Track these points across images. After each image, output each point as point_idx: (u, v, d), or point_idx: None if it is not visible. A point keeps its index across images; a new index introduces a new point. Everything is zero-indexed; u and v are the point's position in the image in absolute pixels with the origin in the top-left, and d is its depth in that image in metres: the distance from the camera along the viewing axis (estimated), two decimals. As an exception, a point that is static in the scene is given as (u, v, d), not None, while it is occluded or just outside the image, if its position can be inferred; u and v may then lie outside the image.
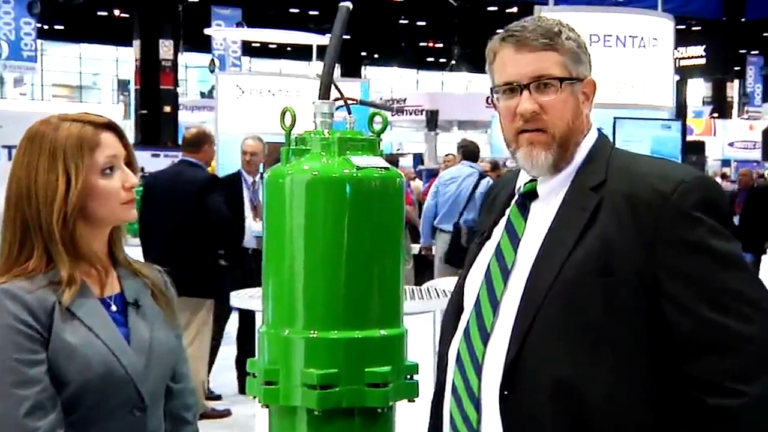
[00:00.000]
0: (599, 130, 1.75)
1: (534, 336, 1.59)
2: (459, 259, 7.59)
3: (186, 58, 38.37)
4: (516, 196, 1.76)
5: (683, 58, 27.79)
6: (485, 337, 1.66)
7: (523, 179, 1.76)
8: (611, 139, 1.78)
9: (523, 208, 1.73)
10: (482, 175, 8.04)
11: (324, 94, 1.57)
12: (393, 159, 10.63)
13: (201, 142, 5.76)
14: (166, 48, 26.08)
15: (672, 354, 1.55)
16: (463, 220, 7.88)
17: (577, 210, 1.63)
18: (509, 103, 1.68)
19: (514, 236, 1.71)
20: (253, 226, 6.27)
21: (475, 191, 7.90)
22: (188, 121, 31.94)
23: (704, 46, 26.93)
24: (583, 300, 1.57)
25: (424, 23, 35.83)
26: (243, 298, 4.57)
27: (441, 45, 38.09)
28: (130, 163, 1.86)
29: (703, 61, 29.61)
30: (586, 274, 1.57)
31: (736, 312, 1.51)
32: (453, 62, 35.08)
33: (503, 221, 1.75)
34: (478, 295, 1.70)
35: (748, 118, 32.13)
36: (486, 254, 1.74)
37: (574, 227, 1.61)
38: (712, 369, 1.51)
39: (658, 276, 1.54)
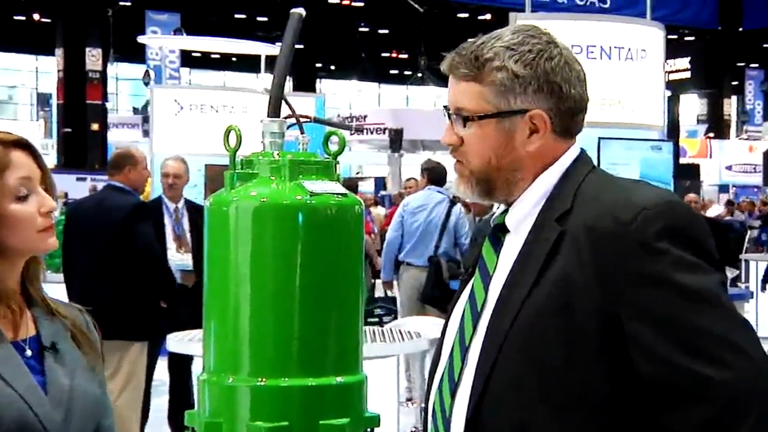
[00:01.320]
0: (582, 150, 1.77)
1: (494, 384, 1.60)
2: (439, 298, 7.60)
3: (117, 69, 38.22)
4: (491, 229, 1.78)
5: (673, 72, 28.23)
6: (453, 388, 1.68)
7: (499, 210, 1.78)
8: (595, 162, 1.80)
9: (496, 242, 1.75)
10: (453, 202, 8.02)
11: (273, 111, 1.58)
12: (351, 184, 10.64)
13: (121, 163, 5.71)
14: (93, 57, 25.96)
15: (640, 402, 1.56)
16: (441, 252, 7.86)
17: (539, 244, 1.64)
18: None
19: (485, 274, 1.73)
20: (176, 258, 6.24)
21: (448, 220, 7.89)
22: (119, 140, 31.77)
23: (689, 58, 27.36)
24: (542, 343, 1.58)
25: (386, 31, 36.09)
26: (181, 342, 4.54)
27: (405, 56, 38.35)
28: (46, 185, 1.84)
29: (695, 74, 30.08)
30: (545, 314, 1.58)
31: (707, 355, 1.50)
32: (419, 75, 35.30)
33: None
34: (454, 339, 1.72)
35: (747, 139, 32.63)
36: (465, 294, 1.76)
37: (534, 263, 1.63)
38: (685, 421, 1.51)
39: (620, 316, 1.55)
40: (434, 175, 8.24)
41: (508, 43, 1.69)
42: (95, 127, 26.77)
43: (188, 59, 32.16)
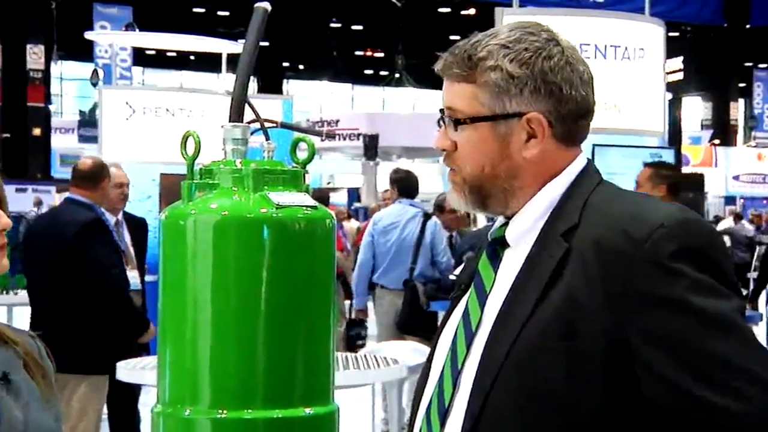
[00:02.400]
0: (589, 161, 1.79)
1: (489, 413, 1.61)
2: (417, 325, 7.58)
3: (61, 68, 38.07)
4: (488, 243, 1.79)
5: (671, 72, 28.40)
6: (443, 414, 1.68)
7: (498, 222, 1.79)
8: None
9: (494, 258, 1.76)
10: (427, 215, 7.98)
11: (236, 115, 1.58)
12: (322, 195, 10.58)
13: (99, 176, 5.67)
14: (35, 55, 25.85)
15: (648, 431, 1.58)
16: (417, 274, 7.78)
17: (543, 261, 1.66)
18: None
19: (481, 291, 1.73)
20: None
21: (423, 236, 7.83)
22: (63, 146, 31.65)
23: (682, 58, 27.49)
24: (544, 369, 1.59)
25: (360, 27, 36.17)
26: (132, 370, 4.52)
27: (381, 54, 38.43)
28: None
29: (690, 75, 30.24)
30: (547, 337, 1.59)
31: (723, 385, 1.52)
32: (396, 75, 35.38)
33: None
34: (444, 361, 1.72)
35: (756, 146, 32.81)
36: (458, 312, 1.77)
37: (538, 282, 1.64)
38: None
39: (631, 340, 1.57)
40: (403, 185, 8.10)
41: (503, 40, 1.70)
42: (37, 132, 26.62)
43: (141, 57, 32.08)
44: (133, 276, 6.21)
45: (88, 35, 19.63)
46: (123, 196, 6.32)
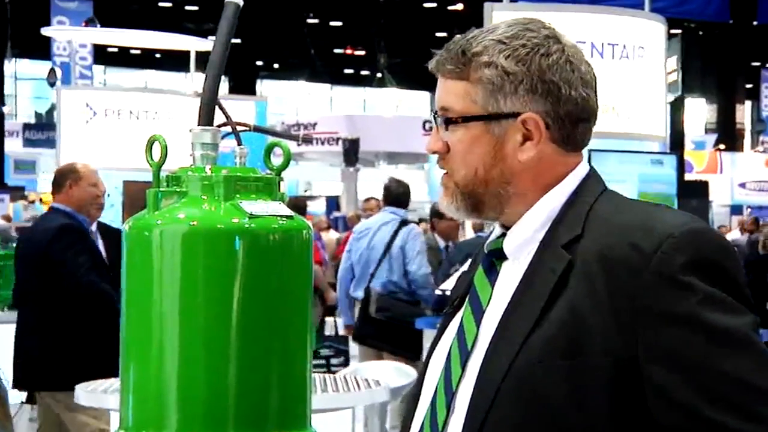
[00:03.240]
0: (592, 168, 1.80)
1: None
2: (368, 335, 7.57)
3: (16, 67, 37.94)
4: (484, 255, 1.79)
5: (672, 72, 28.42)
6: None
7: (495, 232, 1.80)
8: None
9: (491, 271, 1.76)
10: (405, 222, 7.97)
11: (205, 118, 1.58)
12: (299, 204, 10.59)
13: (61, 179, 5.67)
14: (-12, 53, 25.74)
15: None
16: (379, 282, 7.74)
17: (544, 274, 1.66)
18: None
19: (477, 307, 1.74)
20: None
21: (393, 243, 7.80)
22: (17, 151, 31.51)
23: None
24: (545, 389, 1.59)
25: (339, 23, 36.19)
26: (93, 393, 4.50)
27: (362, 52, 38.47)
28: None
29: (701, 76, 30.29)
30: (549, 356, 1.60)
31: (736, 405, 1.53)
32: (378, 75, 35.43)
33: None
34: (438, 381, 1.73)
35: (763, 151, 32.93)
36: (452, 329, 1.77)
37: (538, 296, 1.64)
38: None
39: (639, 359, 1.57)
40: (390, 195, 8.17)
41: (500, 36, 1.71)
42: (-10, 136, 26.52)
43: (103, 55, 32.01)
44: None
45: (45, 31, 19.57)
46: (98, 204, 6.25)
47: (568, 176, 1.74)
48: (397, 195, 8.14)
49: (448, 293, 5.84)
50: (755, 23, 31.35)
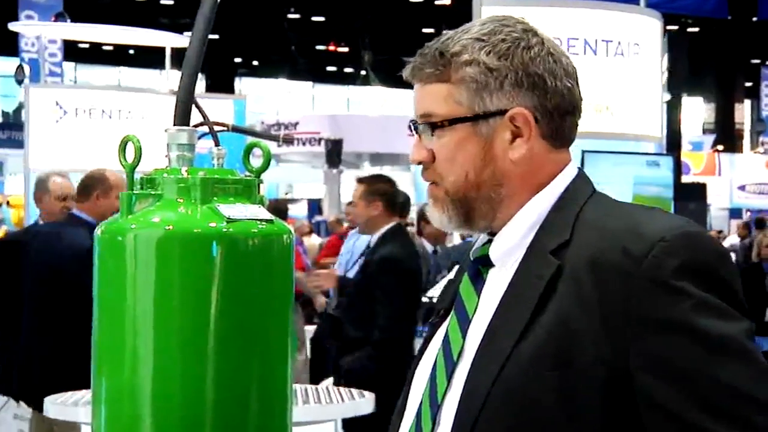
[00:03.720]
0: (579, 169, 1.80)
1: None
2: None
3: (-18, 64, 37.81)
4: (470, 262, 1.80)
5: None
6: None
7: (480, 239, 1.80)
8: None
9: (477, 279, 1.77)
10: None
11: (181, 118, 1.58)
12: (279, 207, 10.60)
13: (90, 188, 5.68)
14: (-48, 49, 25.67)
15: None
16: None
17: (531, 281, 1.66)
18: None
19: (463, 317, 1.74)
20: None
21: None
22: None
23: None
24: (534, 401, 1.60)
25: (322, 19, 36.20)
26: (63, 405, 4.48)
27: (346, 49, 38.48)
28: None
29: (699, 74, 30.35)
30: (537, 366, 1.60)
31: (731, 415, 1.54)
32: (362, 73, 35.42)
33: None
34: (423, 394, 1.73)
35: (763, 152, 33.03)
36: (438, 340, 1.78)
37: (525, 304, 1.65)
38: None
39: (630, 368, 1.58)
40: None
41: (477, 34, 1.72)
42: (-47, 136, 26.43)
43: (73, 52, 31.91)
44: None
45: (13, 26, 19.51)
46: (66, 210, 6.32)
47: (557, 177, 1.75)
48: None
49: (435, 300, 5.86)
50: (755, 19, 31.48)
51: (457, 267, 1.98)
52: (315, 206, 25.13)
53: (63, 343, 5.39)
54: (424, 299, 7.64)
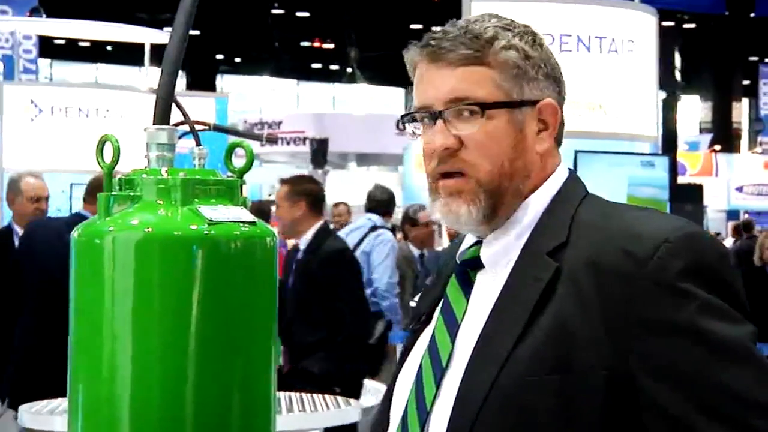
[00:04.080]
0: (570, 170, 1.80)
1: None
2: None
3: (-45, 61, 37.68)
4: (457, 265, 1.80)
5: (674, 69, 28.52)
6: None
7: (467, 241, 1.79)
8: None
9: (466, 282, 1.76)
10: (374, 228, 8.00)
11: (161, 116, 1.58)
12: (263, 209, 10.59)
13: (98, 188, 5.77)
14: (-77, 45, 25.59)
15: None
16: None
17: (527, 283, 1.66)
18: (424, 136, 1.74)
19: (451, 321, 1.74)
20: None
21: (357, 249, 7.82)
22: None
23: (701, 55, 27.88)
24: (532, 408, 1.60)
25: (307, 14, 36.19)
26: (37, 414, 4.47)
27: (332, 45, 38.47)
28: None
29: (695, 72, 30.39)
30: (536, 371, 1.60)
31: (733, 421, 1.55)
32: (348, 70, 35.42)
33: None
34: (407, 401, 1.73)
35: (762, 153, 33.09)
36: (421, 346, 1.77)
37: (522, 308, 1.65)
38: None
39: (634, 373, 1.59)
40: (370, 201, 8.36)
41: (500, 24, 1.73)
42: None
43: (49, 48, 31.86)
44: None
45: (-14, 22, 19.46)
46: (39, 211, 6.34)
47: (551, 177, 1.75)
48: (377, 201, 8.21)
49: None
50: (753, 15, 31.55)
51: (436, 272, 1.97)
52: (299, 208, 25.07)
53: (61, 345, 5.45)
54: (412, 304, 7.64)
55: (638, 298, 1.58)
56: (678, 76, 30.27)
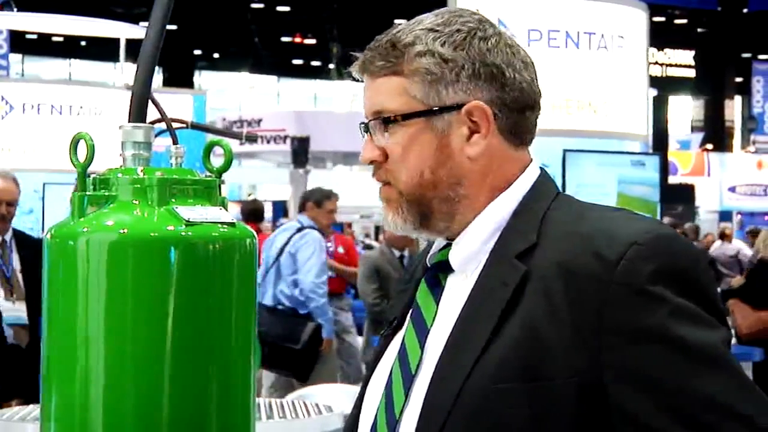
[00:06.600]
0: (542, 169, 1.80)
1: None
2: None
3: (-77, 56, 37.56)
4: (427, 268, 1.80)
5: (664, 66, 28.56)
6: None
7: (438, 244, 1.80)
8: (559, 181, 1.83)
9: (435, 286, 1.77)
10: (301, 228, 8.00)
11: (137, 114, 1.58)
12: (257, 208, 10.64)
13: None
14: None
15: None
16: (278, 291, 7.82)
17: (496, 287, 1.67)
18: None
19: (421, 326, 1.74)
20: (5, 308, 6.19)
21: (282, 253, 7.84)
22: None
23: (692, 51, 27.97)
24: (500, 416, 1.60)
25: (287, 9, 36.18)
26: (8, 421, 4.46)
27: (313, 41, 38.47)
28: None
29: (692, 72, 30.45)
30: (504, 379, 1.60)
31: (704, 427, 1.55)
32: (330, 67, 35.43)
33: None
34: (377, 409, 1.73)
35: (755, 152, 33.21)
36: (392, 352, 1.78)
37: (490, 312, 1.65)
38: None
39: (605, 380, 1.59)
40: (302, 201, 8.37)
41: (431, 25, 1.73)
42: None
43: (20, 43, 31.78)
44: (18, 308, 6.18)
45: (-44, 16, 19.40)
46: (6, 213, 6.27)
47: (519, 178, 1.75)
48: (306, 202, 8.21)
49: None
50: (745, 11, 31.66)
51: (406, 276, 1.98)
52: (280, 208, 25.07)
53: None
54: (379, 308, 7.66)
55: (609, 303, 1.58)
56: (669, 72, 30.34)
